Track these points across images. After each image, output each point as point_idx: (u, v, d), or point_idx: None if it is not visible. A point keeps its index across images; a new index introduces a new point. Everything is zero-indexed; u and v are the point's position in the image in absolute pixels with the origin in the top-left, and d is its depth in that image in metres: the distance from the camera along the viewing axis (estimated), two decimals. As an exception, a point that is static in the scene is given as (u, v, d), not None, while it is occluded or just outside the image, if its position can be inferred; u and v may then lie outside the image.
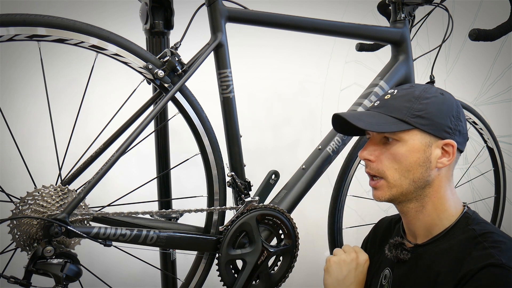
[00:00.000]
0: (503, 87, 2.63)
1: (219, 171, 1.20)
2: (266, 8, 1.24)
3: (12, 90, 1.62)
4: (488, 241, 0.96)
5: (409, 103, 1.01)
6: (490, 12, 2.46)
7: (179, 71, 1.11)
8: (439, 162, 1.02)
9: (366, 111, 1.10)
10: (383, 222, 1.28)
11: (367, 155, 1.06)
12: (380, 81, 1.39)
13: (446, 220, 1.04)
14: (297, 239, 1.25)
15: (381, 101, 1.07)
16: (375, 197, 1.07)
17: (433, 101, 1.01)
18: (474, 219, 1.04)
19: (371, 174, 1.06)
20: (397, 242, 1.10)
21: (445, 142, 1.01)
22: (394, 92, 1.06)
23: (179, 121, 1.19)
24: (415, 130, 1.00)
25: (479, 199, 2.32)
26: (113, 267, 1.75)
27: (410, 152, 1.01)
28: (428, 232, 1.05)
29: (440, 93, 1.04)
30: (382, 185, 1.04)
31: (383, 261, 1.16)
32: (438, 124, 1.00)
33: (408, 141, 1.01)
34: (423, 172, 1.01)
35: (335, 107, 2.32)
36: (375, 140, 1.06)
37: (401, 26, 1.42)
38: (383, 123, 1.01)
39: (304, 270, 2.22)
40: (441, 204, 1.04)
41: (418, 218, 1.05)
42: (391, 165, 1.02)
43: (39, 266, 0.97)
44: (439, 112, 1.01)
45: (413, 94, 1.03)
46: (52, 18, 0.98)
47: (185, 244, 1.16)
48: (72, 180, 1.15)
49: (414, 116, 1.00)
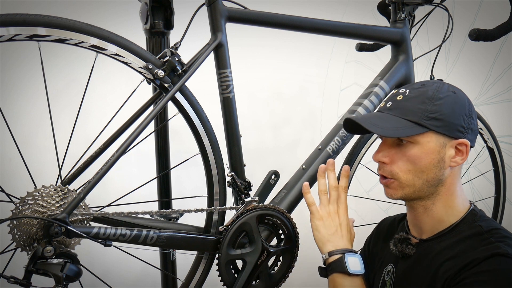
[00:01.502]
0: (503, 87, 2.63)
1: (219, 171, 1.20)
2: (266, 8, 1.24)
3: (12, 90, 1.62)
4: (495, 236, 0.98)
5: (423, 104, 1.01)
6: (490, 12, 2.46)
7: (179, 71, 1.11)
8: (453, 161, 1.02)
9: (379, 113, 1.08)
10: (386, 221, 1.29)
11: (381, 158, 1.06)
12: (380, 81, 1.39)
13: (453, 217, 1.05)
14: (297, 239, 1.25)
15: (393, 102, 1.05)
16: (387, 195, 1.07)
17: (446, 101, 1.01)
18: (481, 216, 1.05)
19: (384, 175, 1.07)
20: (402, 237, 1.11)
21: (459, 141, 1.01)
22: (406, 93, 1.04)
23: (179, 121, 1.19)
24: (430, 132, 1.00)
25: (479, 199, 2.32)
26: (113, 267, 1.75)
27: (425, 154, 1.01)
28: (434, 228, 1.06)
29: (452, 91, 1.03)
30: (395, 185, 1.05)
31: (386, 257, 1.16)
32: (452, 124, 1.00)
33: (423, 143, 1.01)
34: (437, 172, 1.02)
35: (335, 107, 2.32)
36: (388, 141, 1.06)
37: (401, 26, 1.42)
38: (399, 127, 1.01)
39: (304, 270, 2.22)
40: (451, 200, 1.05)
41: (427, 214, 1.06)
42: (405, 167, 1.03)
43: (39, 266, 0.97)
44: (453, 112, 1.01)
45: (427, 94, 1.02)
46: (52, 18, 0.98)
47: (185, 244, 1.16)
48: (72, 180, 1.15)
49: (429, 118, 1.00)
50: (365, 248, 1.29)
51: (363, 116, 1.09)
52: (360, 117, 1.09)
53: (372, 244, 1.27)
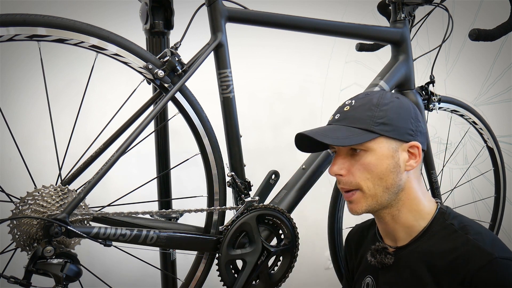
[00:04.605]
0: (503, 87, 2.64)
1: (219, 171, 1.20)
2: (266, 8, 1.24)
3: (12, 90, 1.62)
4: (470, 233, 0.99)
5: (370, 111, 1.02)
6: (490, 12, 2.46)
7: (179, 71, 1.11)
8: (408, 165, 1.03)
9: (328, 125, 1.08)
10: (353, 233, 1.28)
11: (338, 170, 1.04)
12: (380, 81, 1.39)
13: (422, 220, 1.06)
14: (297, 239, 1.25)
15: (341, 113, 1.06)
16: (351, 211, 1.07)
17: (391, 106, 1.03)
18: (449, 214, 1.06)
19: (345, 189, 1.06)
20: (379, 247, 1.10)
21: (410, 144, 1.03)
22: (353, 103, 1.06)
23: (179, 121, 1.19)
24: (381, 137, 1.01)
25: (479, 199, 2.32)
26: (113, 267, 1.75)
27: (379, 160, 1.01)
28: (407, 234, 1.07)
29: (396, 97, 1.05)
30: (358, 197, 1.04)
31: (362, 269, 1.16)
32: (401, 128, 1.02)
33: (376, 149, 1.01)
34: (394, 177, 1.02)
35: (335, 107, 2.31)
36: (342, 153, 1.05)
37: (401, 26, 1.42)
38: (349, 136, 1.01)
39: (304, 270, 2.22)
40: (415, 205, 1.05)
41: (396, 222, 1.07)
42: (363, 176, 1.02)
43: (39, 266, 0.96)
44: (399, 116, 1.02)
45: (372, 102, 1.03)
46: (52, 18, 0.97)
47: (185, 244, 1.16)
48: (72, 180, 1.15)
49: (377, 124, 1.01)
50: (345, 265, 1.30)
51: (313, 130, 1.07)
52: (309, 131, 1.07)
53: (349, 259, 1.27)
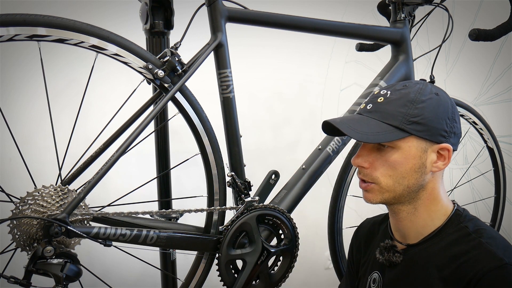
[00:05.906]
0: (503, 87, 2.64)
1: (219, 171, 1.20)
2: (266, 8, 1.24)
3: (12, 90, 1.62)
4: (484, 237, 0.96)
5: (405, 108, 0.97)
6: (490, 12, 2.46)
7: (179, 71, 1.11)
8: (434, 166, 0.99)
9: (359, 115, 1.03)
10: (365, 225, 1.26)
11: (361, 163, 1.02)
12: (380, 81, 1.40)
13: (437, 220, 1.03)
14: (297, 239, 1.25)
15: (373, 104, 1.01)
16: (366, 200, 1.04)
17: (428, 104, 0.97)
18: (465, 216, 1.03)
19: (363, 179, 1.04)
20: (388, 245, 1.08)
21: (441, 146, 0.98)
22: (388, 94, 1.00)
23: (179, 121, 1.19)
24: (411, 136, 0.97)
25: (479, 199, 2.32)
26: (113, 267, 1.75)
27: (406, 159, 0.98)
28: (419, 233, 1.04)
29: (435, 93, 1.00)
30: (374, 189, 1.01)
31: (370, 264, 1.14)
32: (434, 128, 0.97)
33: (404, 148, 0.97)
34: (418, 177, 0.99)
35: (335, 107, 2.32)
36: (368, 146, 1.02)
37: (401, 26, 1.42)
38: (378, 132, 0.97)
39: (304, 270, 2.22)
40: (434, 205, 1.02)
41: (410, 219, 1.03)
42: (386, 172, 0.99)
43: (39, 266, 0.96)
44: (435, 116, 0.97)
45: (408, 97, 0.98)
46: (52, 18, 0.97)
47: (185, 244, 1.16)
48: (72, 180, 1.15)
49: (410, 122, 0.96)
50: (349, 257, 1.27)
51: (342, 120, 1.03)
52: (338, 120, 1.03)
53: (355, 251, 1.24)
